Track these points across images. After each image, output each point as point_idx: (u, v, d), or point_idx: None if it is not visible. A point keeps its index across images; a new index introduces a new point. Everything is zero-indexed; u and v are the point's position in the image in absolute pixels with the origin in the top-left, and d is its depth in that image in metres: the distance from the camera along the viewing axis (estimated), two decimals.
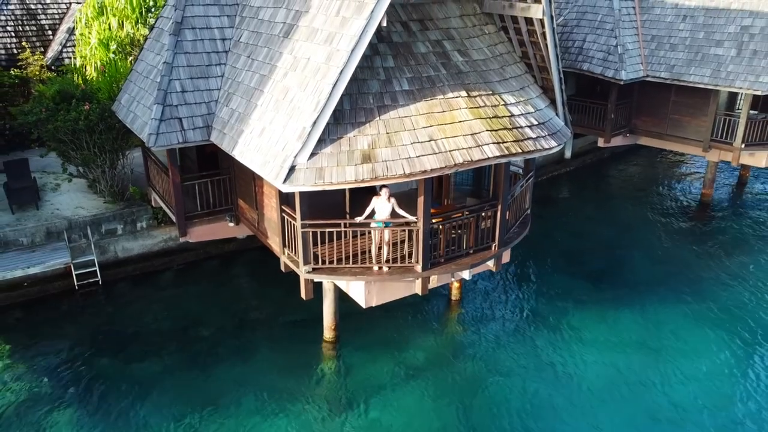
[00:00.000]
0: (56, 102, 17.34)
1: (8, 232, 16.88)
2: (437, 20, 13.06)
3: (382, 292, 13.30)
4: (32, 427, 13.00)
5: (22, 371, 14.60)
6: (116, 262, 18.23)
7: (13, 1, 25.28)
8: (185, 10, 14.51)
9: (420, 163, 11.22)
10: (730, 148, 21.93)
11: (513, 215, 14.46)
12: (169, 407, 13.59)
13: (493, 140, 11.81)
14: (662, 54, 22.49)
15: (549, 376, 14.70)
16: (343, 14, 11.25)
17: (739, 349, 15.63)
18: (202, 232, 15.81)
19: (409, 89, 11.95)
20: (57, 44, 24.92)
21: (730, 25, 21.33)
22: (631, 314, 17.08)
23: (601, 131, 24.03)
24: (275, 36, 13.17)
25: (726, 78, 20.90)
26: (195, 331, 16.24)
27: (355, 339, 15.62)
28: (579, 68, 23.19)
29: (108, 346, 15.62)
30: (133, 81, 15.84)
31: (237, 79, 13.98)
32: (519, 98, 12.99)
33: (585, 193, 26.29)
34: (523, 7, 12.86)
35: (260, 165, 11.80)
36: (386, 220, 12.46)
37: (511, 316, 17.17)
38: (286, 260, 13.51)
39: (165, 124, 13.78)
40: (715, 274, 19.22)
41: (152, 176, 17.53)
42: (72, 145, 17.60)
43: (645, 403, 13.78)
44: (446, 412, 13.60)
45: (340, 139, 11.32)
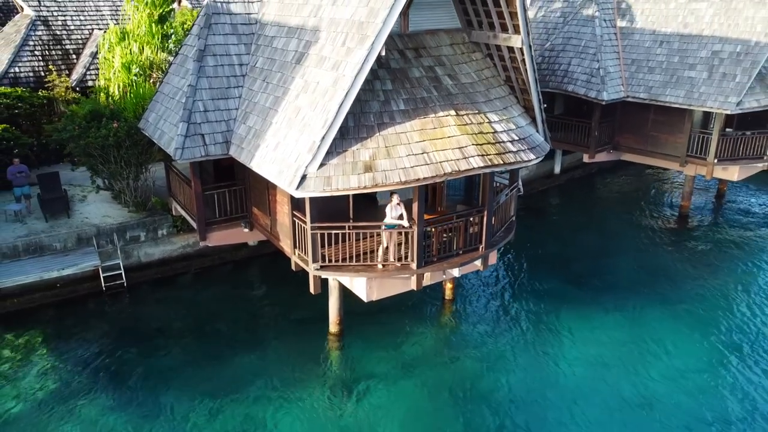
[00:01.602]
0: (88, 120, 19.16)
1: (43, 238, 18.62)
2: (430, 48, 14.92)
3: (382, 287, 14.99)
4: (68, 411, 14.48)
5: (57, 363, 16.20)
6: (139, 266, 19.93)
7: (40, 27, 27.30)
8: (207, 39, 16.40)
9: (414, 173, 12.99)
10: (705, 163, 23.70)
11: (499, 221, 16.17)
12: (190, 394, 15.11)
13: (478, 153, 13.58)
14: (641, 76, 24.34)
15: (535, 368, 16.23)
16: (348, 45, 13.10)
17: (712, 346, 17.09)
18: (219, 237, 17.56)
19: (405, 109, 13.77)
20: (81, 67, 26.85)
21: (702, 50, 23.20)
22: (614, 314, 18.61)
23: (586, 148, 25.81)
24: (288, 62, 15.02)
25: (698, 98, 22.71)
26: (212, 327, 17.88)
27: (358, 333, 17.26)
28: (565, 89, 25.03)
29: (133, 341, 17.23)
30: (159, 101, 17.69)
31: (253, 100, 15.81)
32: (502, 116, 14.79)
33: (573, 204, 28.05)
34: (505, 37, 14.71)
35: (276, 175, 13.58)
36: (394, 222, 14.14)
37: (501, 314, 18.81)
38: (296, 260, 15.24)
39: (189, 140, 15.59)
40: (691, 279, 20.79)
41: (174, 187, 19.31)
42: (101, 160, 19.41)
43: (625, 394, 15.14)
44: (440, 400, 15.13)
45: (345, 151, 13.11)
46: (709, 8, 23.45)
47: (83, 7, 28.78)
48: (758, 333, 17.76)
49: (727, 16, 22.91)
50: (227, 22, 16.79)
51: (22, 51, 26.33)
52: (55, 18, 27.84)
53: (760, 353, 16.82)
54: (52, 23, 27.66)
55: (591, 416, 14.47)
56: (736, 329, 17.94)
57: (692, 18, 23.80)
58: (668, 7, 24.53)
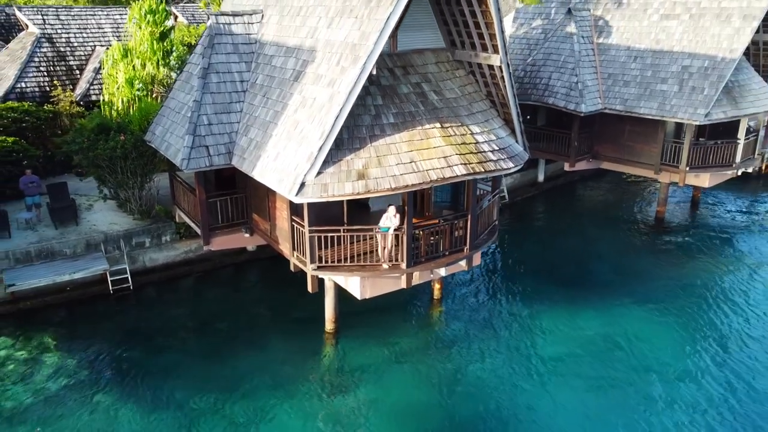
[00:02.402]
0: (96, 133, 20.35)
1: (54, 244, 19.74)
2: (417, 66, 16.27)
3: (374, 286, 16.24)
4: (79, 403, 15.51)
5: (68, 359, 17.24)
6: (145, 271, 21.08)
7: (45, 44, 28.51)
8: (211, 57, 17.68)
9: (403, 180, 14.29)
10: (677, 171, 25.16)
11: (482, 225, 17.47)
12: (193, 388, 16.16)
13: (461, 162, 14.91)
14: (617, 89, 25.83)
15: (518, 360, 17.46)
16: (342, 64, 14.42)
17: (684, 340, 18.38)
18: (222, 241, 18.76)
19: (394, 122, 15.08)
20: (85, 82, 28.05)
21: (673, 65, 24.73)
22: (593, 312, 19.87)
23: (566, 157, 27.24)
24: (286, 79, 16.32)
25: (670, 110, 24.20)
26: (213, 327, 19.03)
27: (352, 331, 18.46)
28: (546, 102, 26.47)
29: (139, 340, 18.33)
30: (165, 115, 18.93)
31: (254, 114, 17.08)
32: (483, 128, 16.14)
33: (556, 211, 29.46)
34: (485, 56, 16.09)
35: (276, 182, 14.83)
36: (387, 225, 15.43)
37: (486, 312, 20.07)
38: (295, 261, 16.47)
39: (195, 151, 16.82)
40: (664, 279, 22.13)
41: (178, 196, 20.50)
42: (108, 170, 20.60)
43: (596, 383, 16.43)
44: (429, 391, 16.30)
45: (340, 161, 14.40)
46: (679, 26, 25.01)
47: (86, 24, 30.04)
48: (724, 327, 19.11)
49: (696, 34, 24.47)
50: (229, 41, 18.08)
51: (28, 67, 27.51)
52: (59, 35, 29.07)
53: (725, 345, 18.15)
54: (56, 40, 28.88)
55: (566, 402, 15.70)
56: (704, 325, 19.27)
57: (664, 35, 25.35)
58: (642, 24, 26.08)
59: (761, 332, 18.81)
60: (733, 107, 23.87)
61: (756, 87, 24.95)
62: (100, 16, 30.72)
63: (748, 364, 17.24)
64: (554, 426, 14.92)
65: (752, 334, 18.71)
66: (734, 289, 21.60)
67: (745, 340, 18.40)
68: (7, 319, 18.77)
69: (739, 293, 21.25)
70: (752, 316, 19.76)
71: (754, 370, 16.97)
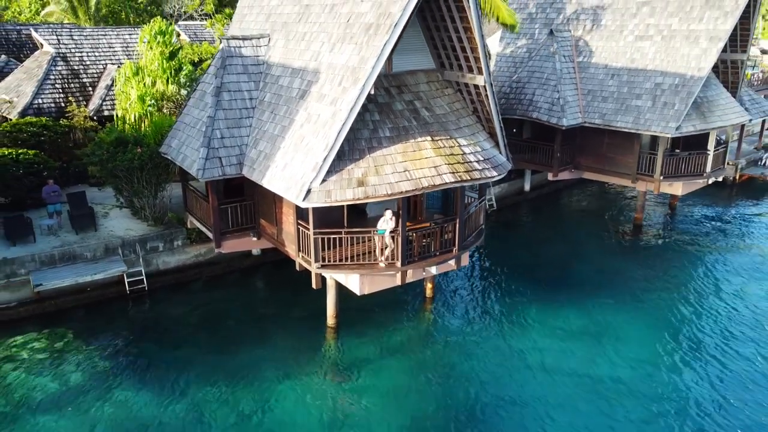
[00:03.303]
0: (115, 146, 22.07)
1: (76, 248, 21.39)
2: (410, 86, 18.13)
3: (372, 283, 17.97)
4: (99, 393, 16.94)
5: (89, 354, 18.78)
6: (158, 273, 22.71)
7: (60, 63, 30.26)
8: (223, 77, 19.49)
9: (398, 186, 16.09)
10: (652, 180, 27.08)
11: (469, 228, 19.26)
12: (204, 378, 17.66)
13: (449, 170, 16.73)
14: (596, 105, 27.79)
15: (503, 355, 19.02)
16: (343, 85, 16.24)
17: (661, 335, 20.02)
18: (232, 244, 20.48)
19: (390, 135, 16.90)
20: (97, 98, 29.78)
21: (646, 82, 26.72)
22: (575, 308, 21.54)
23: (550, 167, 29.14)
24: (293, 97, 18.13)
25: (644, 124, 26.14)
26: (222, 324, 20.63)
27: (352, 326, 20.13)
28: (530, 116, 28.39)
29: (153, 336, 19.91)
30: (181, 130, 20.68)
31: (263, 129, 18.87)
32: (470, 141, 17.98)
33: (541, 217, 31.34)
34: (471, 77, 17.98)
35: (284, 189, 16.60)
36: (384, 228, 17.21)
37: (475, 310, 21.81)
38: (300, 261, 18.20)
39: (209, 162, 18.58)
40: (642, 278, 23.91)
41: (190, 203, 22.20)
42: (125, 180, 22.30)
43: (578, 373, 18.00)
44: (421, 380, 17.92)
45: (342, 170, 16.18)
46: (652, 46, 27.04)
47: (97, 44, 31.84)
48: (695, 321, 20.91)
49: (667, 53, 26.50)
50: (239, 63, 19.90)
51: (44, 84, 29.24)
52: (72, 54, 30.84)
53: (695, 337, 19.94)
54: (70, 59, 30.65)
55: (548, 389, 17.35)
56: (677, 319, 21.05)
57: (638, 54, 27.37)
58: (618, 45, 28.11)
59: (729, 325, 20.60)
60: (701, 121, 25.84)
61: (723, 102, 26.97)
62: (110, 36, 32.55)
63: (717, 353, 19.01)
64: (537, 410, 16.51)
65: (720, 327, 20.52)
66: (705, 287, 23.45)
67: (714, 332, 20.22)
68: (32, 318, 20.36)
69: (709, 291, 23.10)
70: (721, 310, 21.59)
71: (722, 358, 18.71)
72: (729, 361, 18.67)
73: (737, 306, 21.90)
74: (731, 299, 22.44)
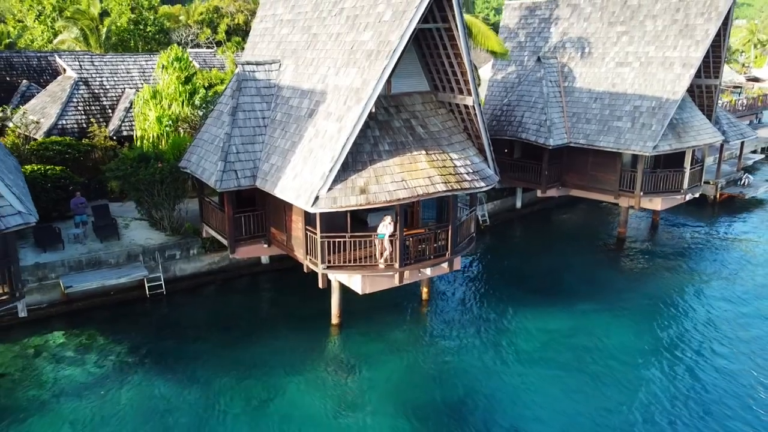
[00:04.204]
0: (137, 162, 24.14)
1: (101, 255, 23.32)
2: (407, 106, 20.27)
3: (373, 283, 19.87)
4: (123, 383, 18.67)
5: (113, 349, 20.56)
6: (175, 279, 24.60)
7: (82, 87, 32.53)
8: (239, 99, 21.65)
9: (396, 194, 18.11)
10: (633, 196, 29.11)
11: (461, 236, 21.22)
12: (219, 371, 19.37)
13: (442, 181, 18.76)
14: (580, 126, 29.95)
15: (494, 350, 20.79)
16: (348, 104, 18.36)
17: (640, 338, 21.69)
18: (245, 250, 22.44)
19: (389, 149, 18.97)
20: (117, 119, 31.98)
21: (626, 105, 28.92)
22: (561, 313, 23.22)
23: (539, 185, 31.19)
24: (302, 116, 20.25)
25: (625, 143, 28.26)
26: (233, 323, 22.39)
27: (354, 324, 21.94)
28: (519, 137, 30.54)
29: (171, 333, 21.71)
30: (200, 146, 22.77)
31: (274, 144, 20.95)
32: (461, 155, 20.04)
33: (531, 232, 33.34)
34: (461, 98, 20.13)
35: (295, 197, 18.61)
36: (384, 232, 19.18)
37: (467, 312, 23.62)
38: (308, 263, 20.13)
39: (226, 174, 20.62)
40: (623, 287, 25.75)
41: (206, 214, 24.18)
42: (146, 193, 24.32)
43: (565, 369, 19.68)
44: (417, 374, 19.67)
45: (346, 179, 18.22)
46: (631, 72, 29.31)
47: (116, 70, 34.18)
48: (673, 326, 22.69)
49: (645, 79, 28.75)
50: (253, 86, 22.09)
51: (67, 106, 31.49)
52: (93, 79, 33.15)
53: (672, 341, 21.69)
54: (91, 83, 32.95)
55: (534, 384, 18.98)
56: (656, 325, 22.75)
57: (618, 80, 29.64)
58: (600, 71, 30.40)
59: (704, 330, 22.29)
60: (677, 141, 27.98)
61: (697, 123, 29.16)
62: (128, 62, 34.91)
63: (691, 355, 20.73)
64: (524, 403, 18.09)
65: (696, 332, 22.25)
66: (682, 295, 25.30)
67: (690, 337, 21.95)
68: (61, 317, 22.20)
69: (686, 299, 24.97)
70: (697, 315, 23.43)
71: (696, 359, 20.42)
72: (702, 358, 20.40)
73: (711, 311, 23.71)
74: (706, 305, 24.25)
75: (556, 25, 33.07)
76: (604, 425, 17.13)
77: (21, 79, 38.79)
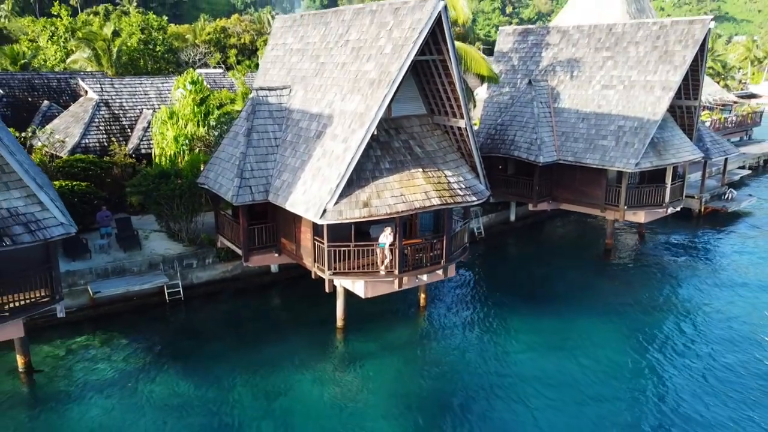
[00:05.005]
0: (158, 178, 26.28)
1: (125, 263, 25.40)
2: (405, 128, 22.42)
3: (375, 288, 21.88)
4: (144, 379, 20.52)
5: (136, 349, 22.55)
6: (192, 286, 26.63)
7: (103, 108, 34.79)
8: (253, 121, 23.83)
9: (395, 207, 20.20)
10: (618, 209, 31.14)
11: (455, 245, 23.24)
12: (233, 369, 21.25)
13: (437, 195, 20.85)
14: (569, 144, 32.05)
15: (487, 353, 22.65)
16: (352, 127, 20.50)
17: (623, 339, 23.67)
18: (257, 259, 24.50)
19: (389, 167, 21.08)
20: (135, 138, 34.19)
21: (611, 125, 31.04)
22: (551, 317, 25.12)
23: (531, 199, 33.26)
24: (311, 137, 22.39)
25: (609, 161, 30.33)
26: (245, 326, 24.38)
27: (357, 326, 23.89)
28: (512, 155, 32.65)
29: (188, 335, 23.72)
30: (217, 164, 24.91)
31: (285, 162, 23.07)
32: (454, 172, 22.14)
33: (524, 243, 35.39)
34: (454, 120, 22.29)
35: (304, 210, 20.71)
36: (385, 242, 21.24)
37: (462, 317, 25.59)
38: (316, 270, 22.18)
39: (242, 190, 22.73)
40: (610, 294, 27.72)
41: (222, 226, 26.27)
42: (166, 207, 26.44)
43: (553, 369, 21.49)
44: (415, 371, 21.62)
45: (351, 194, 20.31)
46: (615, 95, 31.48)
47: (134, 92, 36.46)
48: (656, 330, 24.61)
49: (628, 101, 30.91)
50: (266, 109, 24.28)
51: (90, 126, 33.74)
52: (113, 101, 35.43)
53: (656, 343, 23.60)
54: (111, 105, 35.22)
55: (529, 385, 20.68)
56: (640, 328, 24.64)
57: (604, 101, 31.80)
58: (587, 93, 32.58)
59: (686, 332, 24.24)
60: (657, 158, 30.07)
61: (677, 142, 31.27)
62: (145, 84, 37.21)
63: (673, 354, 22.60)
64: (516, 401, 19.81)
65: (678, 333, 24.23)
66: (665, 301, 27.27)
67: (672, 337, 23.89)
68: (89, 320, 24.21)
69: (669, 305, 26.93)
70: (679, 319, 25.38)
71: (678, 361, 22.20)
72: (686, 360, 22.21)
73: (693, 316, 25.66)
74: (688, 310, 26.22)
75: (546, 49, 35.32)
76: (593, 414, 19.07)
77: (42, 100, 41.16)
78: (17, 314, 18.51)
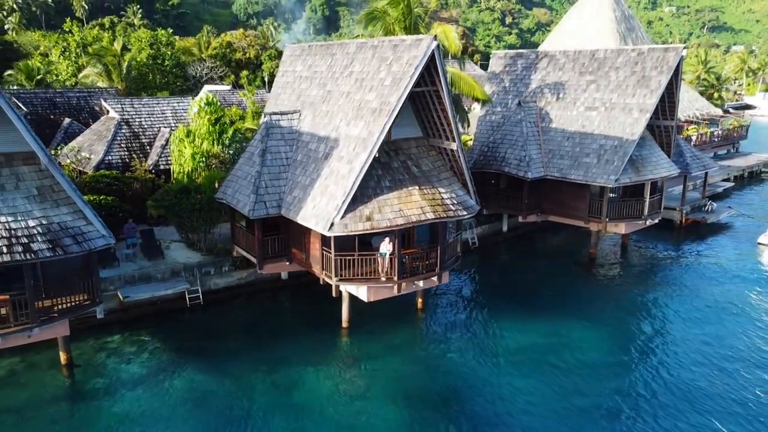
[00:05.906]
0: (179, 193, 28.96)
1: (150, 271, 28.04)
2: (404, 149, 25.11)
3: (377, 293, 24.51)
4: (169, 375, 23.02)
5: (160, 347, 25.13)
6: (210, 291, 29.25)
7: (124, 127, 37.51)
8: (267, 143, 26.54)
9: (394, 221, 22.86)
10: (600, 221, 33.78)
11: (449, 254, 25.87)
12: (247, 365, 23.69)
13: (431, 210, 23.52)
14: (555, 161, 34.73)
15: (481, 351, 25.06)
16: (356, 150, 23.19)
17: (607, 341, 26.13)
18: (270, 267, 27.15)
19: (389, 185, 23.76)
20: (155, 155, 36.88)
21: (593, 143, 33.73)
22: (540, 321, 27.46)
23: (520, 211, 35.90)
24: (319, 158, 25.08)
25: (592, 176, 33.00)
26: (259, 328, 26.94)
27: (361, 329, 26.48)
28: (503, 170, 35.32)
29: (209, 336, 26.23)
30: (234, 181, 27.59)
31: (296, 180, 25.74)
32: (447, 189, 24.81)
33: (515, 252, 38.01)
34: (447, 143, 25.00)
35: (314, 224, 23.37)
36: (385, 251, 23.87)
37: (457, 320, 28.13)
38: (323, 277, 24.81)
39: (257, 205, 25.40)
40: (595, 299, 30.30)
41: (237, 237, 28.92)
42: (186, 220, 29.10)
43: (546, 370, 23.88)
44: (415, 368, 24.10)
45: (355, 209, 22.98)
46: (597, 116, 34.20)
47: (153, 111, 39.19)
48: (637, 333, 27.14)
49: (608, 121, 33.62)
50: (278, 132, 27.00)
51: (112, 144, 36.42)
52: (133, 120, 38.15)
53: (638, 345, 26.11)
54: (131, 123, 37.93)
55: (516, 379, 23.25)
56: (622, 331, 27.16)
57: (587, 122, 34.51)
58: (572, 114, 35.30)
59: (666, 334, 26.75)
60: (636, 174, 32.76)
61: (655, 159, 33.95)
62: (163, 104, 39.96)
63: (654, 357, 25.05)
64: (506, 395, 22.22)
65: (657, 335, 26.79)
66: (646, 306, 29.83)
67: (653, 342, 26.36)
68: (118, 322, 26.79)
69: (649, 309, 29.50)
70: (657, 322, 27.96)
71: (658, 362, 24.59)
72: (667, 358, 24.74)
73: (672, 320, 28.20)
74: (667, 314, 28.78)
75: (535, 72, 38.11)
76: (579, 407, 21.26)
77: (63, 117, 43.90)
78: (64, 315, 21.14)
